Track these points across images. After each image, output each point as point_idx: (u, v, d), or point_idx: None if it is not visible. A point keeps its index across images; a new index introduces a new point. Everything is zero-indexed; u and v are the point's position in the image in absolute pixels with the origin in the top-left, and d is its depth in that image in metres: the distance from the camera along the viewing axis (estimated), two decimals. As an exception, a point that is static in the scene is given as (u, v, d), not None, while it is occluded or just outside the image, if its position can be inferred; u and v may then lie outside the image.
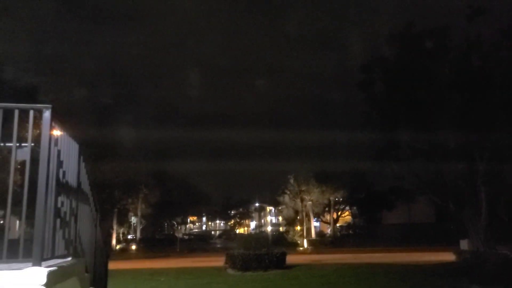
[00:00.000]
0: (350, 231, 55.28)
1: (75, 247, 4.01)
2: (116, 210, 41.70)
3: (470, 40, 18.10)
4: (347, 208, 55.93)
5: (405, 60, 19.29)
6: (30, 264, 2.83)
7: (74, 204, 4.01)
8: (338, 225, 55.77)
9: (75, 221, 4.05)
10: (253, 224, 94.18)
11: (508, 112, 17.17)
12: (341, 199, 50.74)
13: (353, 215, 58.40)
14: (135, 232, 49.81)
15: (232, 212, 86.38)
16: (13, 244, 3.07)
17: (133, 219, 49.83)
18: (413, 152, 19.93)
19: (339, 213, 54.25)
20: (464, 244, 20.28)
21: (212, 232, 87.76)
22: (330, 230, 52.16)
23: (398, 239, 42.15)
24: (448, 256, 19.23)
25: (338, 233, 52.37)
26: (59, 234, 3.54)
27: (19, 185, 3.39)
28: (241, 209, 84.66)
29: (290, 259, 20.54)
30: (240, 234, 68.65)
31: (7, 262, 2.95)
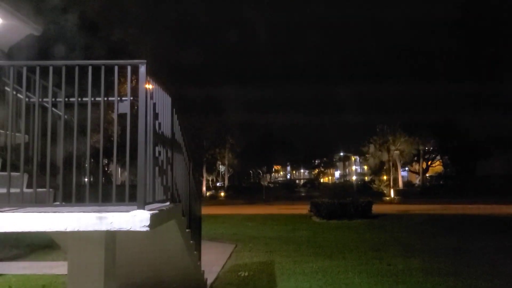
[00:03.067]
0: (441, 182, 52.80)
1: (172, 193, 4.32)
2: (205, 159, 43.89)
3: None
4: (438, 157, 53.22)
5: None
6: (135, 207, 3.12)
7: (169, 154, 4.29)
8: (427, 175, 53.55)
9: (171, 169, 4.34)
10: (337, 174, 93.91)
11: None
12: (431, 148, 48.32)
13: (444, 165, 55.49)
14: (223, 180, 52.33)
15: (316, 161, 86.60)
16: (119, 190, 3.39)
17: (221, 168, 52.19)
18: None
19: (429, 162, 51.91)
20: None
21: (297, 181, 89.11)
22: (419, 180, 50.33)
23: (494, 191, 39.33)
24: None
25: (428, 184, 50.35)
26: (158, 181, 3.83)
27: (119, 136, 3.69)
28: (325, 159, 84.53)
29: (376, 208, 20.28)
30: (324, 183, 68.91)
31: (115, 205, 3.27)
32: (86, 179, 3.32)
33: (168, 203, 4.06)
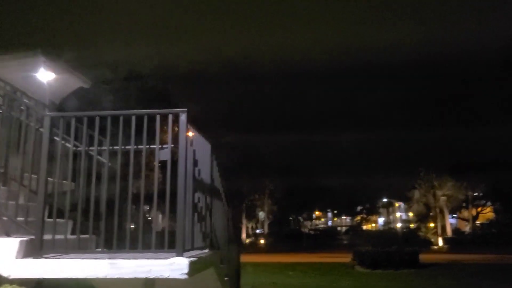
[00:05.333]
0: (493, 230, 49.65)
1: (211, 240, 4.30)
2: (244, 205, 43.79)
3: None
4: (489, 203, 50.46)
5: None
6: (174, 254, 3.11)
7: (208, 200, 4.30)
8: (478, 222, 50.69)
9: (210, 216, 4.33)
10: (381, 220, 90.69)
11: None
12: (481, 194, 45.99)
13: (496, 211, 52.43)
14: (262, 227, 51.74)
15: (358, 207, 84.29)
16: (159, 236, 3.41)
17: (261, 214, 51.81)
18: None
19: (479, 209, 49.25)
20: None
21: (338, 228, 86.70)
22: (469, 228, 47.67)
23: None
24: None
25: (479, 231, 47.53)
26: (197, 227, 3.83)
27: (161, 183, 3.76)
28: (367, 205, 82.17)
29: (424, 258, 19.25)
30: (367, 230, 66.64)
31: (155, 252, 3.28)
32: (127, 226, 3.37)
33: (206, 250, 4.03)
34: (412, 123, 69.12)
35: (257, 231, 54.29)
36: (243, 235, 45.01)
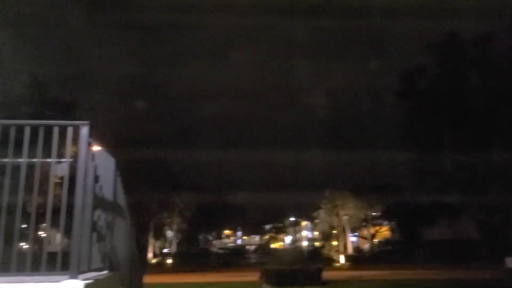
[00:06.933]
0: (389, 247, 53.59)
1: (111, 261, 4.08)
2: (152, 223, 42.39)
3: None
4: (386, 222, 54.46)
5: (447, 70, 18.81)
6: (68, 276, 2.89)
7: (110, 218, 4.10)
8: (376, 240, 54.33)
9: (111, 235, 4.12)
10: (288, 239, 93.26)
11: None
12: (379, 214, 49.51)
13: (392, 230, 56.74)
14: (170, 246, 50.39)
15: (268, 226, 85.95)
16: (53, 257, 3.15)
17: (169, 233, 50.48)
18: (457, 166, 19.28)
19: (377, 228, 52.90)
20: (510, 262, 19.31)
21: (247, 247, 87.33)
22: (368, 246, 50.88)
23: (439, 255, 40.44)
24: (493, 274, 18.30)
25: (376, 249, 50.96)
26: (95, 247, 3.61)
27: (59, 199, 3.50)
28: (276, 224, 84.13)
29: (327, 275, 20.08)
30: (275, 248, 68.03)
31: (46, 275, 3.02)
32: (14, 245, 3.07)
33: (105, 272, 3.81)
34: (320, 144, 72.63)
35: (165, 250, 52.67)
36: (150, 255, 43.38)
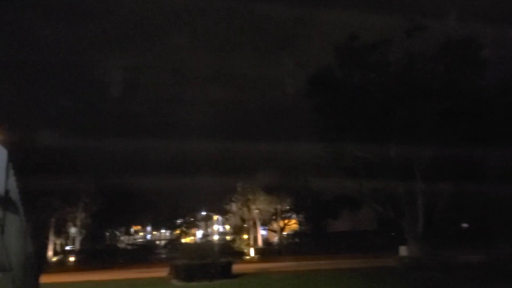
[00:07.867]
0: (296, 239, 55.93)
1: (1, 260, 3.69)
2: (53, 220, 39.62)
3: (410, 54, 19.14)
4: (294, 216, 56.62)
5: (349, 72, 20.02)
6: None
7: (0, 214, 3.70)
8: (285, 233, 56.26)
9: (2, 233, 3.73)
10: (199, 233, 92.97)
11: (445, 124, 18.22)
12: (287, 208, 51.29)
13: (299, 223, 59.21)
14: (74, 243, 47.53)
15: (179, 221, 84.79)
16: None
17: (72, 229, 47.55)
18: (356, 162, 20.64)
19: (286, 221, 54.79)
20: (403, 250, 21.13)
21: (157, 242, 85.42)
22: (277, 239, 52.53)
23: (342, 246, 43.24)
24: (389, 262, 19.94)
25: (284, 241, 52.82)
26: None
27: None
28: (187, 218, 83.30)
29: (237, 268, 20.38)
30: (185, 243, 67.35)
31: None
32: None
33: (-7, 273, 3.43)
34: (234, 137, 73.14)
35: (67, 247, 49.52)
36: (50, 253, 40.49)
